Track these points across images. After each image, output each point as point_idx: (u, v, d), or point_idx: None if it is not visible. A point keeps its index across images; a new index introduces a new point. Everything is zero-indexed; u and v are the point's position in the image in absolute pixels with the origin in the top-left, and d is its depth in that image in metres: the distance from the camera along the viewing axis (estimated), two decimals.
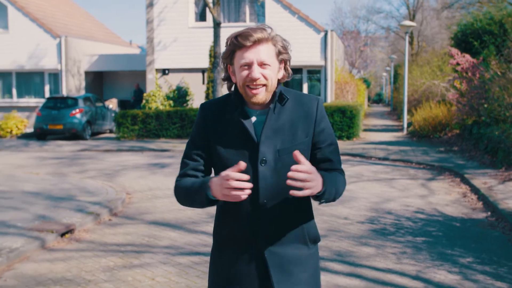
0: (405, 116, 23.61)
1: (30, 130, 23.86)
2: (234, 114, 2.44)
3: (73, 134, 21.20)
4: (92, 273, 5.99)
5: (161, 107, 22.35)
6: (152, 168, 13.86)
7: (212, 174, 2.50)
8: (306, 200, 2.51)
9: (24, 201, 9.42)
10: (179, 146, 18.39)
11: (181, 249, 6.82)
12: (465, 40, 19.74)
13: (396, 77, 42.67)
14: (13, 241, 6.97)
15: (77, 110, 21.02)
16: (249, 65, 2.36)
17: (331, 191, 2.37)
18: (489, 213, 8.89)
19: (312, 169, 2.22)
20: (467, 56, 17.64)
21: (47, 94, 25.56)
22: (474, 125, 16.56)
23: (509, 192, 9.94)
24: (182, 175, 2.52)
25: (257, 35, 2.34)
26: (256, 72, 2.34)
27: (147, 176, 12.61)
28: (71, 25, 28.08)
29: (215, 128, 2.48)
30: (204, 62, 23.32)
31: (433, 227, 7.94)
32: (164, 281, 5.68)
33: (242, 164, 2.21)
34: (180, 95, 23.44)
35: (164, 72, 24.19)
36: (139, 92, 26.05)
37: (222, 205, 2.48)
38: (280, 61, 2.45)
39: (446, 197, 10.15)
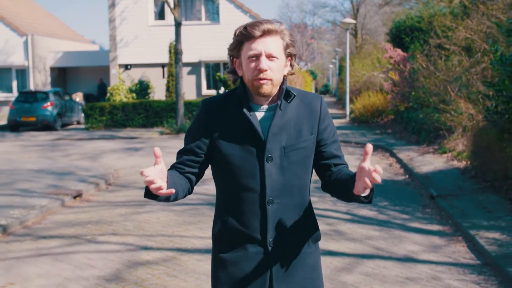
0: (347, 105, 26.19)
1: (1, 123, 25.44)
2: (240, 109, 2.43)
3: (45, 126, 22.93)
4: (111, 217, 8.14)
5: (124, 100, 24.33)
6: (128, 151, 15.92)
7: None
8: (308, 197, 2.54)
9: (33, 176, 11.42)
10: (146, 134, 20.44)
11: (173, 202, 9.00)
12: (399, 35, 22.29)
13: (341, 69, 45.33)
14: (40, 201, 9.02)
15: (49, 103, 22.79)
16: (257, 56, 2.35)
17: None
18: (407, 176, 11.38)
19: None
20: (399, 51, 20.23)
21: (15, 90, 27.17)
22: (405, 110, 19.16)
23: (425, 161, 12.46)
24: (171, 167, 2.51)
25: (266, 26, 2.34)
26: (264, 63, 2.34)
27: (125, 158, 14.67)
28: (35, 24, 29.67)
29: (218, 124, 2.46)
30: (164, 57, 25.40)
31: None
32: (167, 219, 7.89)
33: (157, 152, 2.14)
34: (142, 88, 25.47)
35: (126, 67, 26.12)
36: (103, 86, 27.90)
37: (227, 203, 2.49)
38: (287, 56, 2.45)
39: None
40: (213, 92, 25.42)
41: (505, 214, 7.50)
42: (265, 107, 2.46)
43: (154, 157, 2.14)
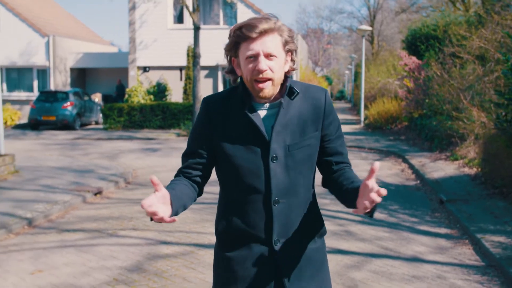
0: (362, 111, 26.45)
1: (22, 121, 25.99)
2: (242, 109, 2.37)
3: (64, 125, 23.43)
4: (130, 213, 8.48)
5: (142, 101, 24.77)
6: (146, 152, 16.30)
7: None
8: (313, 193, 2.51)
9: (55, 173, 11.81)
10: (163, 135, 20.83)
11: None
12: (414, 43, 22.52)
13: (357, 75, 45.51)
14: (63, 197, 9.40)
15: (68, 103, 23.29)
16: (255, 57, 2.29)
17: None
18: (418, 181, 11.63)
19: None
20: (413, 58, 20.47)
21: (35, 89, 27.72)
22: (418, 117, 19.38)
23: (436, 167, 12.69)
24: (178, 172, 2.50)
25: (263, 26, 2.27)
26: (263, 63, 2.27)
27: (143, 158, 15.05)
28: (56, 25, 30.23)
29: (220, 124, 2.40)
30: (182, 60, 25.81)
31: None
32: (184, 216, 8.21)
33: (154, 180, 2.09)
34: (159, 91, 25.88)
35: (145, 69, 26.56)
36: (121, 88, 28.37)
37: (231, 202, 2.46)
38: (287, 52, 2.38)
39: (388, 172, 12.86)
40: None
41: (511, 219, 7.75)
42: (267, 105, 2.40)
43: (153, 185, 2.10)
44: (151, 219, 2.15)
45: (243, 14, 26.03)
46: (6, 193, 9.58)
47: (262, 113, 2.39)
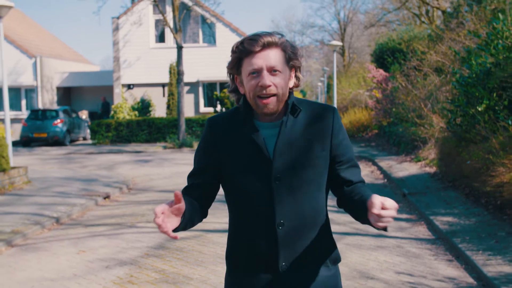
0: None
1: (13, 139, 27.19)
2: (244, 128, 2.31)
3: (55, 141, 24.77)
4: (141, 212, 9.96)
5: (127, 117, 26.22)
6: (138, 163, 17.74)
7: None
8: (323, 217, 2.38)
9: (63, 182, 13.22)
10: (150, 148, 22.28)
11: None
12: (382, 56, 24.30)
13: (329, 87, 47.34)
14: (78, 200, 10.83)
15: (59, 121, 24.65)
16: (258, 72, 2.21)
17: None
18: (385, 180, 13.29)
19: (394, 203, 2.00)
20: (381, 71, 22.26)
21: (23, 108, 28.99)
22: (387, 125, 21.12)
23: (402, 168, 14.37)
24: (183, 192, 2.39)
25: (265, 39, 2.21)
26: (267, 79, 2.19)
27: (137, 168, 16.49)
28: (41, 46, 31.57)
29: (224, 144, 2.34)
30: (165, 77, 27.35)
31: None
32: None
33: (178, 195, 2.07)
34: (143, 107, 27.36)
35: (129, 86, 28.04)
36: (106, 105, 29.77)
37: (236, 225, 2.39)
38: (291, 68, 2.31)
39: None
40: (210, 109, 27.32)
41: (459, 205, 9.41)
42: (271, 123, 2.33)
43: (175, 199, 2.10)
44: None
45: (222, 33, 27.69)
46: (28, 199, 10.98)
47: (265, 132, 2.32)
